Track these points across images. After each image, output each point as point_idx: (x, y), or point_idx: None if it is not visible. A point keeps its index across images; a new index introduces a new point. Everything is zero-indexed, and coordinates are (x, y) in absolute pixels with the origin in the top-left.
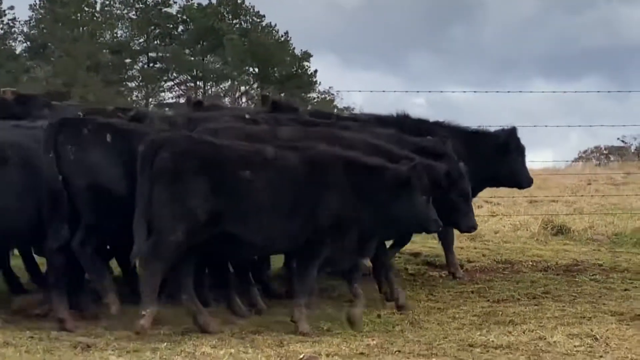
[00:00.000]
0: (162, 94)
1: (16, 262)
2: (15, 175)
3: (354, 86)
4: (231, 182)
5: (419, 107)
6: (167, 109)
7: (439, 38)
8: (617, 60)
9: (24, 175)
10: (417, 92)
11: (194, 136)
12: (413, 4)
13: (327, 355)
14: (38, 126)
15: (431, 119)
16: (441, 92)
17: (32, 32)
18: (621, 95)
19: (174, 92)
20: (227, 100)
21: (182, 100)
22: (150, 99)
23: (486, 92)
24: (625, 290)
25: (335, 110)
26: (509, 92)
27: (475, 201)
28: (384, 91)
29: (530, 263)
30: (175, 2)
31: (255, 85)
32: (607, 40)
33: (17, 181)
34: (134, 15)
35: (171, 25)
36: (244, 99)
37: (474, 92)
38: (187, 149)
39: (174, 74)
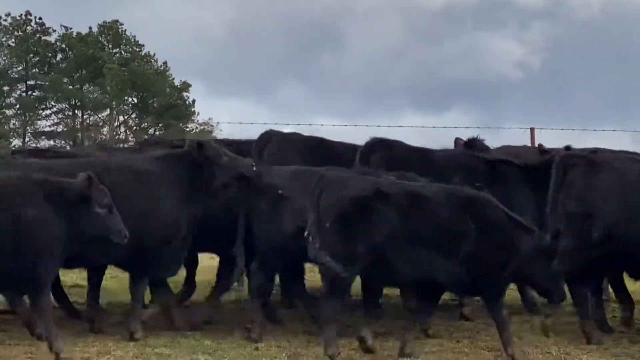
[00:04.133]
0: (40, 122)
1: None
2: None
3: (221, 114)
4: None
5: None
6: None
7: (305, 67)
8: (485, 91)
9: None
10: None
11: None
12: (278, 33)
13: None
14: None
15: None
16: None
17: None
18: (495, 126)
19: (51, 121)
20: (105, 130)
21: (59, 129)
22: (28, 128)
23: (355, 125)
24: None
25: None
26: (378, 126)
27: None
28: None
29: None
30: (54, 31)
31: (133, 115)
32: (473, 71)
33: None
34: (12, 43)
35: (50, 54)
36: (122, 129)
37: (345, 125)
38: None
39: (52, 103)
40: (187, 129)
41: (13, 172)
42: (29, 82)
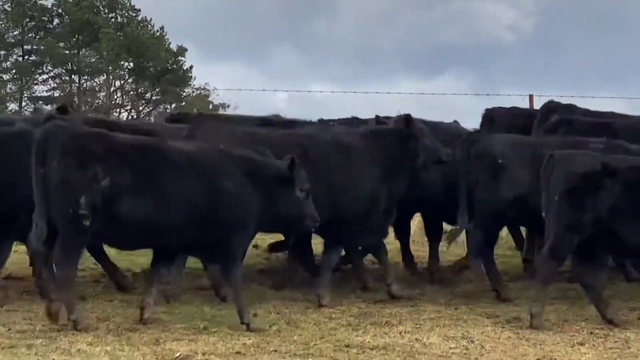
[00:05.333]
0: (36, 87)
1: None
2: None
3: (214, 79)
4: None
5: (282, 102)
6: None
7: (298, 32)
8: (478, 55)
9: None
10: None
11: None
12: None
13: (204, 354)
14: None
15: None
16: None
17: None
18: (488, 92)
19: (48, 86)
20: (101, 95)
21: (56, 94)
22: (24, 92)
23: (354, 92)
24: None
25: (211, 107)
26: (377, 92)
27: None
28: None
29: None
30: None
31: (130, 80)
32: (465, 35)
33: None
34: (8, 7)
35: (46, 18)
36: (118, 94)
37: (344, 92)
38: None
39: (49, 67)
40: (184, 94)
41: (217, 146)
42: (25, 47)
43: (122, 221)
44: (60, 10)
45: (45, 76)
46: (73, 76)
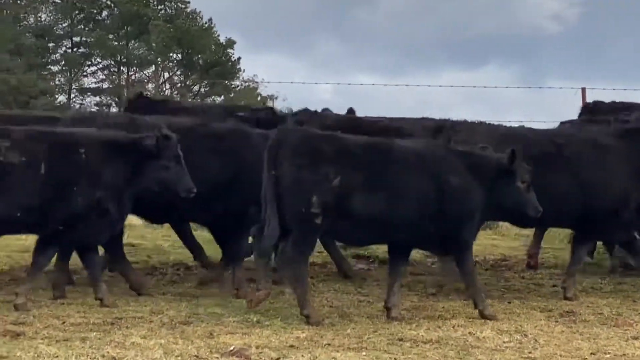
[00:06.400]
0: (85, 78)
1: None
2: None
3: (258, 69)
4: None
5: (326, 93)
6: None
7: (340, 22)
8: (522, 45)
9: None
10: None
11: None
12: None
13: (257, 347)
14: None
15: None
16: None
17: None
18: (533, 83)
19: (96, 77)
20: (150, 86)
21: (105, 86)
22: (73, 84)
23: (396, 85)
24: (554, 286)
25: (259, 99)
26: (418, 85)
27: None
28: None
29: None
30: None
31: (179, 72)
32: (509, 24)
33: None
34: None
35: (96, 10)
36: (167, 86)
37: (396, 85)
38: None
39: (98, 59)
40: (232, 86)
41: (440, 143)
42: (74, 39)
43: (354, 219)
44: (109, 2)
45: (94, 68)
46: (122, 68)
